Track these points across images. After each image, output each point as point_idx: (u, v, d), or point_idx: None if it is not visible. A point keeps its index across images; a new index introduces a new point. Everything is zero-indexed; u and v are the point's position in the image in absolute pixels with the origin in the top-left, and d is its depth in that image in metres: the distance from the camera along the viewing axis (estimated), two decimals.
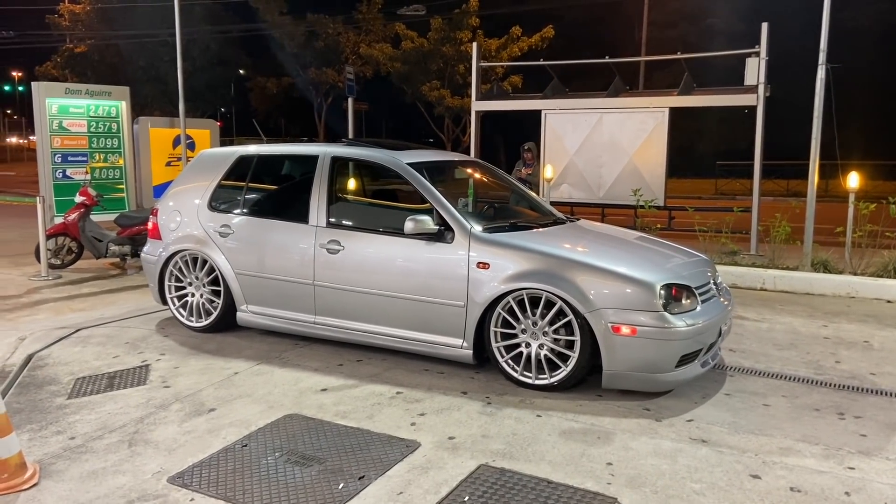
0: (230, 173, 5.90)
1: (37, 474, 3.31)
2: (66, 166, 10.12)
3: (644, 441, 3.73)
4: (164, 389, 4.52)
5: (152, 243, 6.10)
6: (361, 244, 5.10)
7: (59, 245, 8.73)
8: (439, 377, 4.74)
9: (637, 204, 10.05)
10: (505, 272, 4.54)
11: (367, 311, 5.06)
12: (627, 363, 4.21)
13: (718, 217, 9.26)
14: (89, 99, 10.39)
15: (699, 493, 3.17)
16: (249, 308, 5.60)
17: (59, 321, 6.22)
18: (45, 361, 5.08)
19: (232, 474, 3.35)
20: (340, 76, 27.44)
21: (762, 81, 9.64)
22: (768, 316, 6.55)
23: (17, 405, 4.22)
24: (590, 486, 3.23)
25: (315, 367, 4.95)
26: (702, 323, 4.28)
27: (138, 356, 5.21)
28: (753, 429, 3.91)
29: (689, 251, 5.19)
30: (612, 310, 4.20)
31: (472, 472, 3.37)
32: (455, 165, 6.47)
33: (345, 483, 3.26)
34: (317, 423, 3.96)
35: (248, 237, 5.57)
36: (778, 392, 4.52)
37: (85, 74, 30.23)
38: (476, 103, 12.39)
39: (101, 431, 3.85)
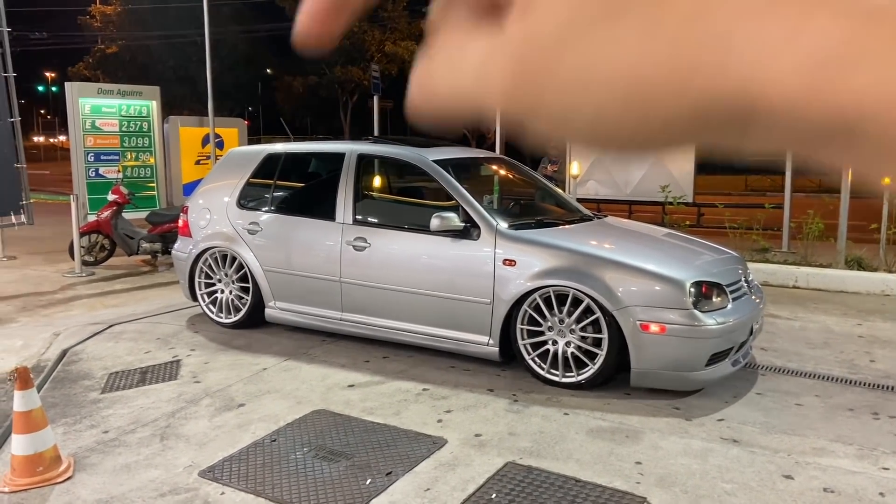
0: (258, 171, 5.96)
1: (71, 467, 3.37)
2: (98, 165, 10.30)
3: (674, 440, 3.69)
4: (195, 384, 4.58)
5: (182, 240, 6.18)
6: (387, 241, 5.12)
7: (93, 242, 8.88)
8: (466, 374, 4.74)
9: (665, 200, 9.94)
10: (531, 269, 4.52)
11: (394, 307, 5.08)
12: (656, 361, 4.17)
13: (749, 213, 9.12)
14: (121, 99, 10.55)
15: (730, 493, 3.13)
16: (277, 304, 5.64)
17: (93, 317, 6.33)
18: (80, 356, 5.18)
19: (261, 469, 3.38)
20: (366, 74, 27.56)
21: None
22: (801, 314, 6.44)
23: (52, 399, 4.30)
24: (618, 485, 3.21)
25: (342, 364, 4.97)
26: (732, 321, 4.22)
27: (169, 352, 5.28)
28: (786, 429, 3.85)
29: (720, 248, 5.12)
30: (641, 307, 4.16)
31: (499, 469, 3.36)
32: (481, 162, 6.46)
33: (372, 479, 3.28)
34: (344, 419, 3.98)
35: (275, 234, 5.62)
36: (811, 391, 4.44)
37: (116, 75, 30.73)
38: None
39: (133, 425, 3.91)
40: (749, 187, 24.27)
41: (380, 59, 29.21)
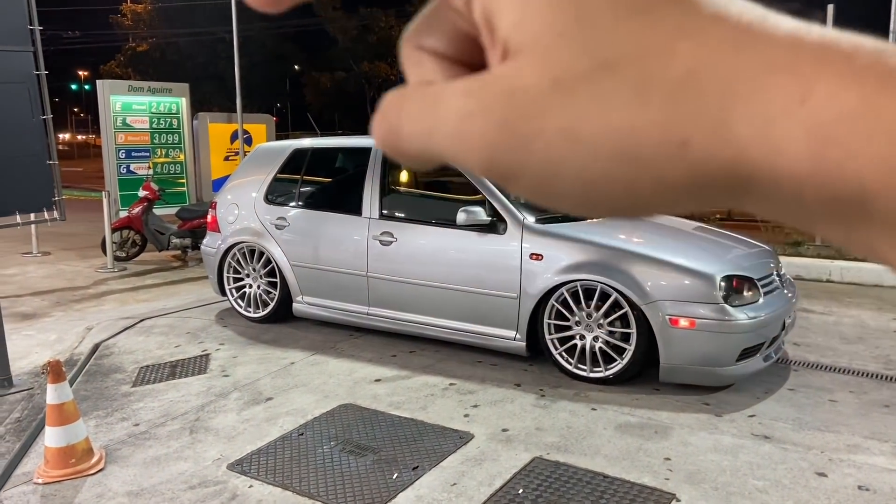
0: (285, 167, 5.99)
1: (103, 459, 3.42)
2: (129, 162, 10.45)
3: (703, 436, 3.64)
4: (224, 378, 4.62)
5: (211, 236, 6.25)
6: (414, 236, 5.11)
7: (124, 238, 9.03)
8: (492, 369, 4.72)
9: None
10: (559, 263, 4.48)
11: (420, 302, 5.07)
12: (686, 356, 4.11)
13: None
14: (151, 96, 10.70)
15: (762, 490, 3.08)
16: (305, 299, 5.68)
17: (124, 311, 6.43)
18: (111, 350, 5.26)
19: (289, 462, 3.40)
20: (393, 69, 27.61)
21: None
22: (835, 309, 6.31)
23: (85, 392, 4.38)
24: (647, 481, 3.17)
25: (369, 358, 4.99)
26: (764, 316, 4.15)
27: (199, 346, 5.34)
28: (819, 425, 3.77)
29: (751, 241, 5.02)
30: (670, 302, 4.11)
31: (526, 464, 3.34)
32: None
33: (399, 473, 3.28)
34: (371, 413, 3.99)
35: (302, 229, 5.65)
36: (845, 387, 4.35)
37: (146, 72, 31.19)
38: None
39: (163, 418, 3.97)
40: None
41: None
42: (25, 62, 4.43)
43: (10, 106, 4.35)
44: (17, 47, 4.37)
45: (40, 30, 4.51)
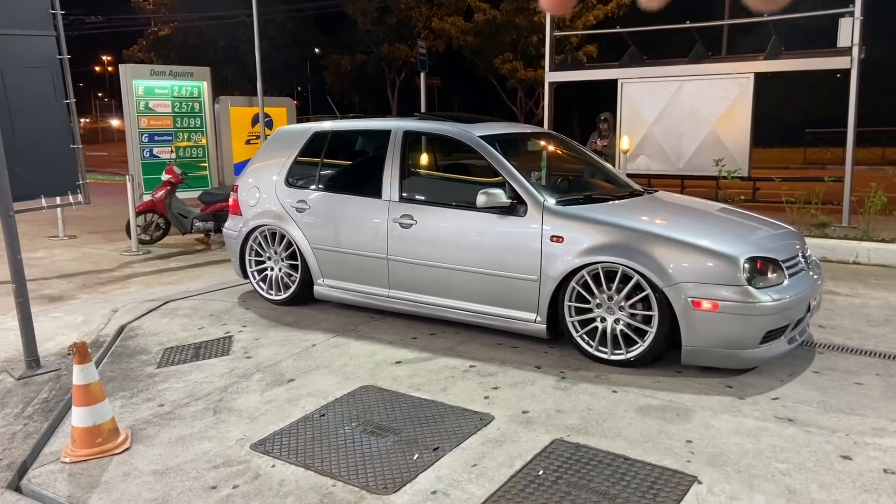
0: (306, 149, 6.00)
1: (129, 439, 3.48)
2: (152, 146, 10.54)
3: (726, 419, 3.61)
4: (247, 360, 4.67)
5: (233, 219, 6.29)
6: (434, 218, 5.10)
7: (148, 221, 9.13)
8: (513, 351, 4.72)
9: (719, 175, 9.67)
10: (579, 246, 4.45)
11: (440, 285, 5.07)
12: (708, 339, 4.07)
13: (807, 187, 8.80)
14: (173, 80, 10.75)
15: (785, 473, 3.05)
16: (326, 282, 5.70)
17: (149, 294, 6.51)
18: (136, 332, 5.33)
19: (311, 442, 3.43)
20: (413, 51, 27.45)
21: (856, 43, 9.06)
22: (861, 291, 6.21)
23: (111, 373, 4.44)
24: (668, 463, 3.16)
25: (389, 340, 5.01)
26: (789, 298, 4.09)
27: (222, 328, 5.39)
28: (844, 408, 3.72)
29: (776, 223, 4.95)
30: (693, 284, 4.07)
31: (546, 446, 3.34)
32: (528, 138, 6.38)
33: (419, 454, 3.30)
34: (392, 395, 4.01)
35: (323, 212, 5.66)
36: (871, 370, 4.28)
37: (169, 56, 31.34)
38: (549, 74, 12.15)
39: (187, 399, 4.02)
40: (808, 160, 23.45)
41: (427, 35, 29.03)
42: (48, 46, 4.46)
43: (34, 90, 4.39)
44: (40, 32, 4.40)
45: (62, 14, 4.54)
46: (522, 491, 2.96)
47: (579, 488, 2.96)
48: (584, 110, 23.61)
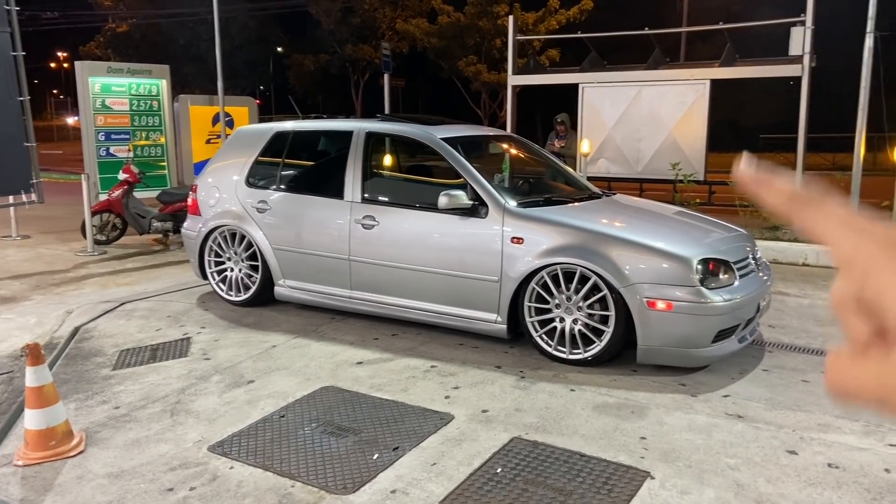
0: (267, 150, 5.97)
1: (83, 442, 3.43)
2: (109, 144, 10.34)
3: (679, 416, 3.71)
4: (205, 361, 4.63)
5: (192, 219, 6.22)
6: (396, 219, 5.13)
7: (104, 221, 8.95)
8: (474, 351, 4.77)
9: (676, 178, 9.88)
10: (539, 247, 4.52)
11: (402, 285, 5.10)
12: (663, 338, 4.18)
13: None
14: (131, 77, 10.57)
15: (734, 468, 3.15)
16: (287, 283, 5.68)
17: (105, 295, 6.40)
18: (91, 334, 5.24)
19: (270, 443, 3.43)
20: (377, 52, 27.39)
21: (807, 51, 9.34)
22: (810, 291, 6.41)
23: (65, 376, 4.37)
24: (623, 459, 3.23)
25: (351, 341, 5.01)
26: (739, 298, 4.22)
27: (180, 329, 5.34)
28: (791, 405, 3.85)
29: (728, 226, 5.09)
30: (648, 285, 4.16)
31: (505, 444, 3.39)
32: (490, 140, 6.44)
33: (379, 454, 3.32)
34: (352, 396, 4.02)
35: (284, 213, 5.64)
36: (818, 368, 4.44)
37: (127, 54, 30.71)
38: (512, 77, 12.26)
39: (144, 401, 3.97)
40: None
41: (391, 37, 28.98)
42: (2, 43, 4.38)
43: None
44: None
45: (17, 10, 4.45)
46: (481, 489, 3.00)
47: (536, 485, 3.02)
48: (546, 113, 23.84)
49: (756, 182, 0.42)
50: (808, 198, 0.40)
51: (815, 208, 0.40)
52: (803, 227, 0.41)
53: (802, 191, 0.41)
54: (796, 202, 0.41)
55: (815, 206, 0.40)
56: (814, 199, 0.40)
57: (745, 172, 0.43)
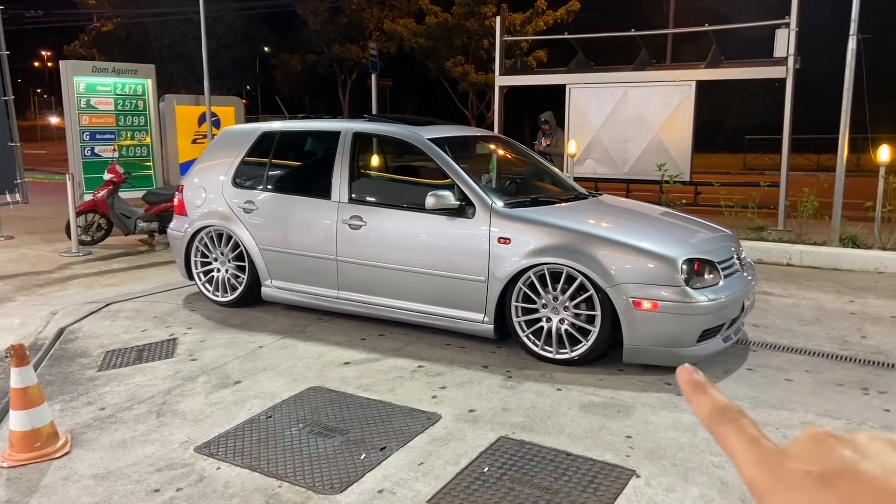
0: (253, 150, 5.95)
1: (68, 443, 3.42)
2: (94, 144, 10.27)
3: (664, 415, 3.74)
4: (191, 362, 4.61)
5: (178, 219, 6.19)
6: (383, 220, 5.13)
7: (89, 222, 8.89)
8: (461, 351, 4.78)
9: (662, 179, 9.94)
10: (526, 247, 4.54)
11: (389, 286, 5.10)
12: (648, 338, 4.21)
13: (745, 192, 9.13)
14: (116, 77, 10.50)
15: (718, 466, 3.18)
16: (274, 283, 5.67)
17: (90, 296, 6.36)
18: (76, 335, 5.21)
19: (257, 444, 3.42)
20: (364, 52, 27.35)
21: (792, 53, 9.43)
22: (794, 291, 6.48)
23: (50, 377, 4.34)
24: (609, 458, 3.26)
25: (338, 341, 5.01)
26: (724, 298, 4.25)
27: (166, 330, 5.31)
28: (775, 403, 3.89)
29: (713, 226, 5.14)
30: (634, 284, 4.19)
31: (491, 443, 3.41)
32: (477, 141, 6.46)
33: (367, 453, 3.33)
34: (340, 396, 4.03)
35: (271, 213, 5.63)
36: (801, 367, 4.49)
37: (112, 53, 30.49)
38: (500, 78, 12.29)
39: (130, 402, 3.96)
40: (747, 166, 24.22)
41: (378, 37, 28.94)
42: None
43: None
44: None
45: (0, 9, 4.42)
46: (468, 488, 3.01)
47: (523, 484, 3.03)
48: (534, 114, 23.91)
49: (691, 386, 0.46)
50: (728, 415, 0.43)
51: (731, 425, 0.43)
52: (717, 439, 0.43)
53: (725, 407, 0.44)
54: (717, 416, 0.44)
55: (731, 422, 0.43)
56: (732, 417, 0.43)
57: (684, 376, 0.46)
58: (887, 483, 0.35)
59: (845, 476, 0.36)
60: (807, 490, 0.37)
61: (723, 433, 0.43)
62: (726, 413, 0.44)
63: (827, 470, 0.37)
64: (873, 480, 0.36)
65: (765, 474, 0.40)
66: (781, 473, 0.39)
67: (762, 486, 0.40)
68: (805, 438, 0.41)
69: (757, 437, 0.42)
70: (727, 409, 0.44)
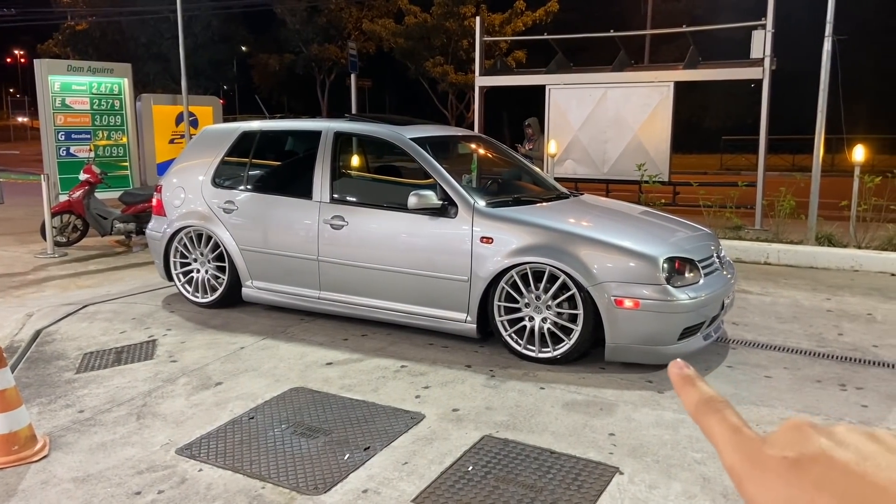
0: (233, 149, 5.90)
1: (47, 446, 3.36)
2: (69, 144, 10.13)
3: (646, 412, 3.77)
4: (171, 364, 4.56)
5: (157, 220, 6.12)
6: (365, 219, 5.11)
7: (65, 223, 8.76)
8: (444, 351, 4.78)
9: (641, 179, 10.02)
10: (508, 247, 4.55)
11: (372, 286, 5.09)
12: (630, 336, 4.24)
13: (723, 192, 9.23)
14: (91, 76, 10.36)
15: (700, 462, 3.21)
16: (254, 284, 5.63)
17: (66, 297, 6.27)
18: (53, 337, 5.13)
19: (239, 445, 3.40)
20: (343, 52, 27.27)
21: (768, 54, 9.55)
22: (772, 290, 6.56)
23: (27, 380, 4.27)
24: (592, 455, 3.27)
25: (320, 342, 4.99)
26: (704, 296, 4.29)
27: (145, 331, 5.25)
28: (755, 400, 3.94)
29: (693, 225, 5.18)
30: (616, 283, 4.22)
31: (475, 442, 3.41)
32: (458, 140, 6.46)
33: (350, 454, 3.31)
34: (322, 396, 4.01)
35: (252, 213, 5.58)
36: (780, 364, 4.54)
37: (87, 52, 30.13)
38: (479, 79, 12.31)
39: (109, 405, 3.90)
40: (724, 166, 24.49)
41: (357, 36, 28.88)
42: None
43: None
44: None
45: None
46: (452, 487, 3.01)
47: (507, 482, 3.04)
48: (514, 114, 24.00)
49: (681, 380, 0.48)
50: (713, 405, 0.45)
51: (715, 414, 0.45)
52: (702, 428, 0.46)
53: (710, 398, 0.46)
54: (703, 406, 0.46)
55: (715, 412, 0.45)
56: (716, 407, 0.45)
57: (675, 370, 0.49)
58: (858, 468, 0.37)
59: (819, 462, 0.38)
60: (782, 474, 0.39)
61: (707, 422, 0.45)
62: (711, 404, 0.46)
63: (802, 456, 0.39)
64: (845, 465, 0.37)
65: (744, 460, 0.41)
66: (759, 459, 0.41)
67: (741, 470, 0.41)
68: (786, 427, 0.42)
69: (739, 425, 0.44)
70: (712, 400, 0.46)
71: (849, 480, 0.37)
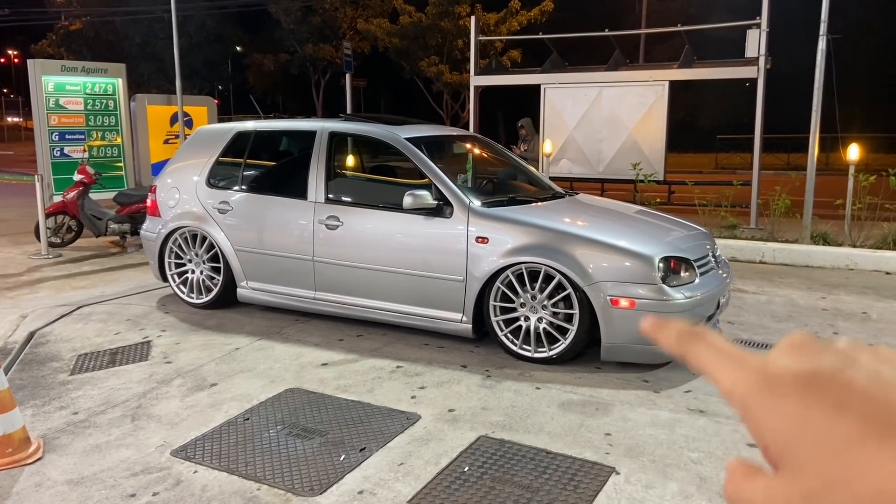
0: (228, 150, 5.89)
1: (41, 448, 3.35)
2: (63, 144, 10.09)
3: (642, 412, 3.77)
4: (166, 365, 4.55)
5: (151, 220, 6.10)
6: (360, 220, 5.10)
7: (59, 223, 8.72)
8: (439, 351, 4.77)
9: (637, 178, 10.02)
10: (504, 246, 4.54)
11: (367, 286, 5.08)
12: (626, 335, 4.23)
13: (718, 191, 9.24)
14: (85, 76, 10.32)
15: (697, 461, 3.21)
16: (249, 284, 5.61)
17: (60, 299, 6.24)
18: (47, 338, 5.11)
19: (234, 447, 3.38)
20: (338, 52, 27.24)
21: (763, 53, 9.56)
22: (767, 288, 6.57)
23: (20, 381, 4.25)
24: (588, 455, 3.27)
25: (315, 343, 4.97)
26: (700, 295, 4.30)
27: (140, 332, 5.23)
28: None
29: (688, 224, 5.19)
30: (611, 283, 4.22)
31: (471, 443, 3.41)
32: (453, 140, 6.46)
33: (346, 455, 3.30)
34: (318, 397, 3.99)
35: (246, 213, 5.57)
36: None
37: (80, 52, 30.02)
38: (474, 78, 12.30)
39: (103, 406, 3.89)
40: (719, 165, 24.53)
41: (352, 36, 28.82)
42: None
43: None
44: None
45: None
46: (448, 487, 3.00)
47: (503, 483, 3.03)
48: (509, 113, 23.98)
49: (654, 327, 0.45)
50: (693, 333, 0.42)
51: (699, 342, 0.41)
52: (690, 361, 0.42)
53: (690, 329, 0.42)
54: (684, 338, 0.42)
55: (699, 339, 0.41)
56: (697, 334, 0.42)
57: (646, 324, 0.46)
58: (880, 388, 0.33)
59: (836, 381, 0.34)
60: (795, 394, 0.34)
61: (694, 352, 0.41)
62: (693, 333, 0.42)
63: (817, 372, 0.35)
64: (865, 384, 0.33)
65: (745, 379, 0.37)
66: (765, 379, 0.36)
67: (743, 391, 0.36)
68: (787, 344, 0.37)
69: (730, 346, 0.39)
70: (693, 331, 0.42)
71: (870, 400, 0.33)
